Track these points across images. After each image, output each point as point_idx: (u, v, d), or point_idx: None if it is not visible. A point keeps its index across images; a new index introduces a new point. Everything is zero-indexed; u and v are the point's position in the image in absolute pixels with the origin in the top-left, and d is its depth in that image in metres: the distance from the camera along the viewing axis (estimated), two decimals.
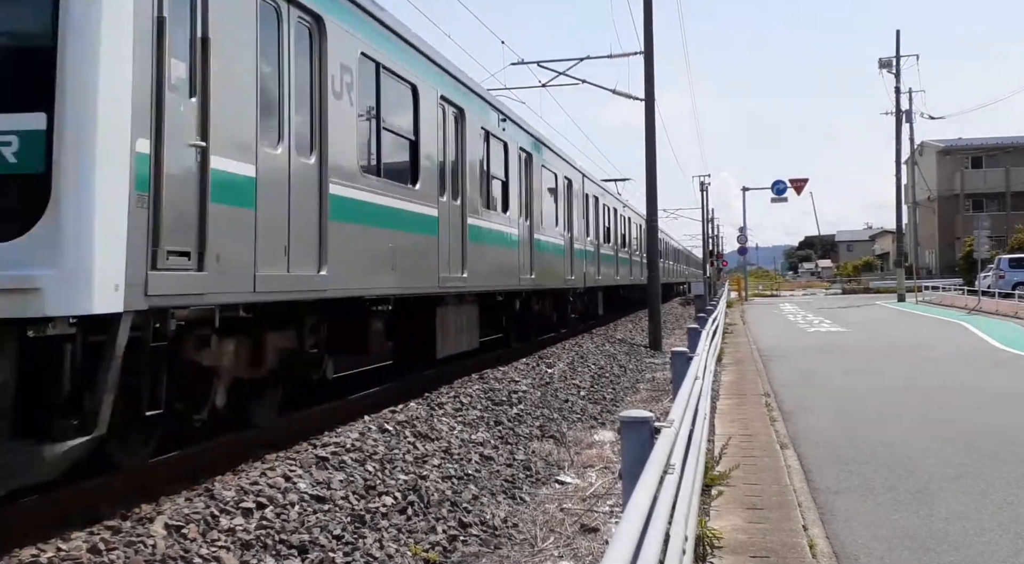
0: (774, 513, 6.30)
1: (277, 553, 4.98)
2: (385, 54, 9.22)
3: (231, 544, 4.89)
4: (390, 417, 8.24)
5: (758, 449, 8.67)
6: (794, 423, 10.36)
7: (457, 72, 11.81)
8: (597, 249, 23.27)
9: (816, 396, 12.75)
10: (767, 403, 11.83)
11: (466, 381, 11.33)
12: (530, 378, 12.35)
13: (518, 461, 8.20)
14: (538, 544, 5.98)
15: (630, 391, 14.15)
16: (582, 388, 13.02)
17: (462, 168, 11.92)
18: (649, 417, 3.82)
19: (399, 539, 5.64)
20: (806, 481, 7.42)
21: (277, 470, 6.10)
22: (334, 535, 5.36)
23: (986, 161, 68.87)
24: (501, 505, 6.88)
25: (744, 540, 5.64)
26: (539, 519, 6.61)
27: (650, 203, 22.02)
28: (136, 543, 4.64)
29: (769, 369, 16.51)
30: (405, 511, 6.08)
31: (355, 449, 6.90)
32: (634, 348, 20.48)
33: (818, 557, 5.37)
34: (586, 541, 6.02)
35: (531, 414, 10.19)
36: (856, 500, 6.81)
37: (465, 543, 5.91)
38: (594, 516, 6.62)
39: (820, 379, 14.86)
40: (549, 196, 17.84)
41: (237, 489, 5.61)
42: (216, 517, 5.16)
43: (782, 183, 50.93)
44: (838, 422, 10.43)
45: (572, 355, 16.13)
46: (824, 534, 5.89)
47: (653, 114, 21.70)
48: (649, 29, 21.74)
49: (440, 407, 9.23)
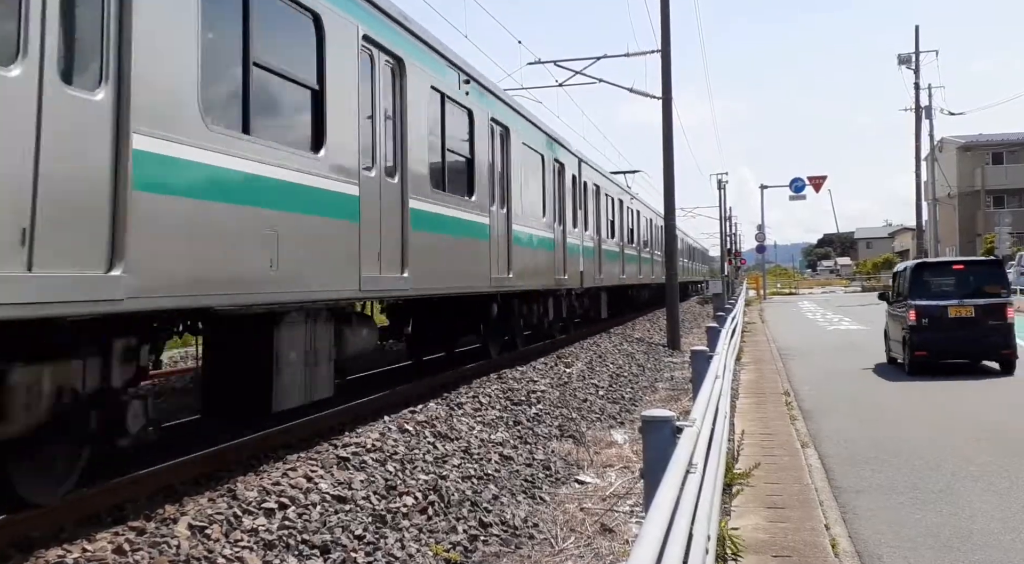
0: (795, 512, 6.27)
1: (299, 553, 5.00)
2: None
3: (254, 544, 4.92)
4: (410, 417, 8.26)
5: (778, 448, 8.63)
6: (815, 422, 10.31)
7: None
8: (599, 245, 20.90)
9: (836, 394, 12.68)
10: (787, 402, 11.77)
11: (485, 381, 11.34)
12: (548, 378, 12.35)
13: (537, 461, 8.20)
14: (558, 544, 5.98)
15: (649, 390, 14.12)
16: (600, 387, 13.00)
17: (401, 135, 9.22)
18: (671, 416, 3.81)
19: (420, 539, 5.66)
20: (827, 480, 7.39)
21: (299, 470, 6.13)
22: (356, 535, 5.38)
23: (1007, 157, 68.14)
24: (521, 505, 6.88)
25: (765, 539, 5.62)
26: (559, 519, 6.60)
27: (668, 201, 21.96)
28: (160, 544, 4.68)
29: (789, 367, 16.43)
30: (426, 511, 6.10)
31: (375, 449, 6.93)
32: (652, 347, 20.42)
33: (840, 556, 5.35)
34: (606, 541, 6.01)
35: (550, 414, 10.19)
36: (878, 499, 6.77)
37: (486, 543, 5.92)
38: (614, 516, 6.61)
39: (841, 377, 14.77)
40: (535, 181, 15.00)
41: (259, 489, 5.64)
42: (239, 517, 5.19)
43: (800, 180, 50.72)
44: (859, 420, 10.37)
45: (590, 354, 16.11)
46: (846, 533, 5.86)
47: (671, 112, 21.63)
48: (666, 27, 21.68)
49: (459, 407, 9.24)
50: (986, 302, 14.73)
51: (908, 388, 13.19)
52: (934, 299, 14.83)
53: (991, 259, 19.66)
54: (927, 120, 50.69)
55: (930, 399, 11.95)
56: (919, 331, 14.63)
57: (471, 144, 11.67)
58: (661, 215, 32.57)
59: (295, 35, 7.29)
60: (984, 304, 14.70)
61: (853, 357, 17.97)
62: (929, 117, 51.04)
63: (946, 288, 15.06)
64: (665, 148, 21.60)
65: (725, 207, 62.94)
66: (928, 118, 50.83)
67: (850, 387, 13.52)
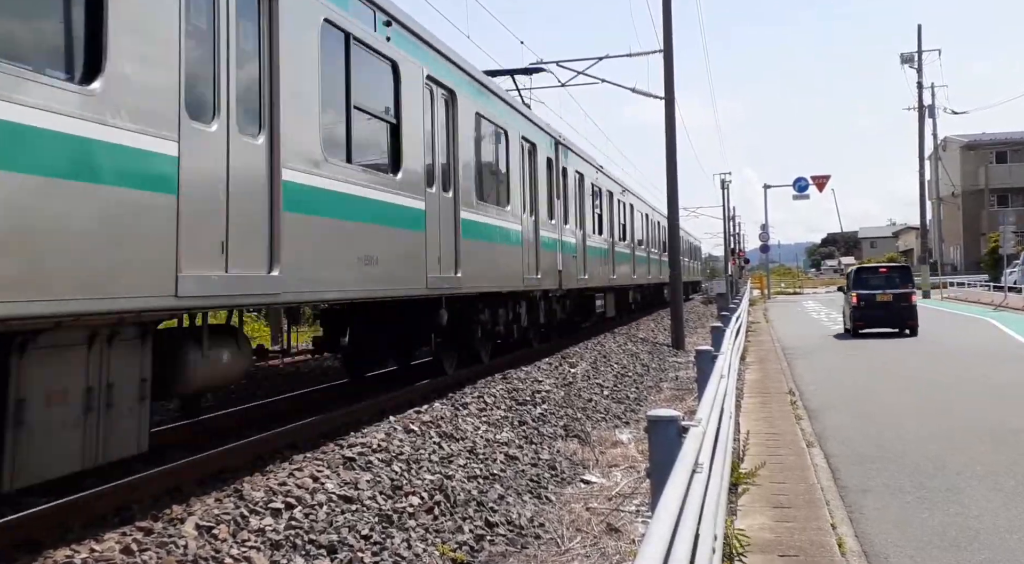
0: (801, 512, 6.27)
1: (306, 553, 5.02)
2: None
3: (261, 544, 4.93)
4: (415, 417, 8.27)
5: (784, 447, 8.63)
6: (820, 421, 10.30)
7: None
8: (583, 241, 18.38)
9: (842, 394, 12.67)
10: (792, 401, 11.76)
11: (489, 381, 11.34)
12: (553, 378, 12.35)
13: (543, 461, 8.21)
14: (565, 544, 5.99)
15: (653, 390, 14.12)
16: (605, 387, 13.00)
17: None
18: (676, 416, 3.82)
19: (427, 539, 5.67)
20: (833, 479, 7.39)
21: (305, 471, 6.14)
22: (362, 535, 5.39)
23: (1011, 156, 68.01)
24: (527, 505, 6.89)
25: (771, 539, 5.62)
26: (565, 519, 6.61)
27: (671, 201, 21.93)
28: (168, 544, 4.69)
29: (793, 367, 16.42)
30: (432, 511, 6.11)
31: (381, 449, 6.93)
32: (656, 347, 20.42)
33: (847, 556, 5.35)
34: (613, 540, 6.02)
35: (555, 414, 10.19)
36: (885, 498, 6.77)
37: (492, 543, 5.93)
38: (620, 516, 6.61)
39: (845, 377, 14.77)
40: (497, 163, 12.84)
41: (266, 490, 5.66)
42: (246, 517, 5.20)
43: (804, 180, 50.65)
44: (865, 420, 10.36)
45: (595, 354, 16.10)
46: (853, 533, 5.86)
47: (673, 112, 21.62)
48: (668, 27, 21.68)
49: (464, 407, 9.25)
50: (900, 292, 23.27)
51: (915, 388, 13.17)
52: (868, 289, 23.44)
53: (903, 265, 28.26)
54: (930, 119, 50.76)
55: (938, 399, 11.93)
56: (859, 309, 23.41)
57: (396, 105, 9.27)
58: (654, 209, 32.43)
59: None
60: (898, 293, 23.23)
61: (859, 357, 17.94)
62: (932, 116, 51.11)
63: (875, 282, 23.60)
64: (668, 148, 21.58)
65: (729, 206, 62.93)
66: (931, 117, 50.91)
67: (856, 386, 13.51)
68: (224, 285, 5.98)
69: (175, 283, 5.45)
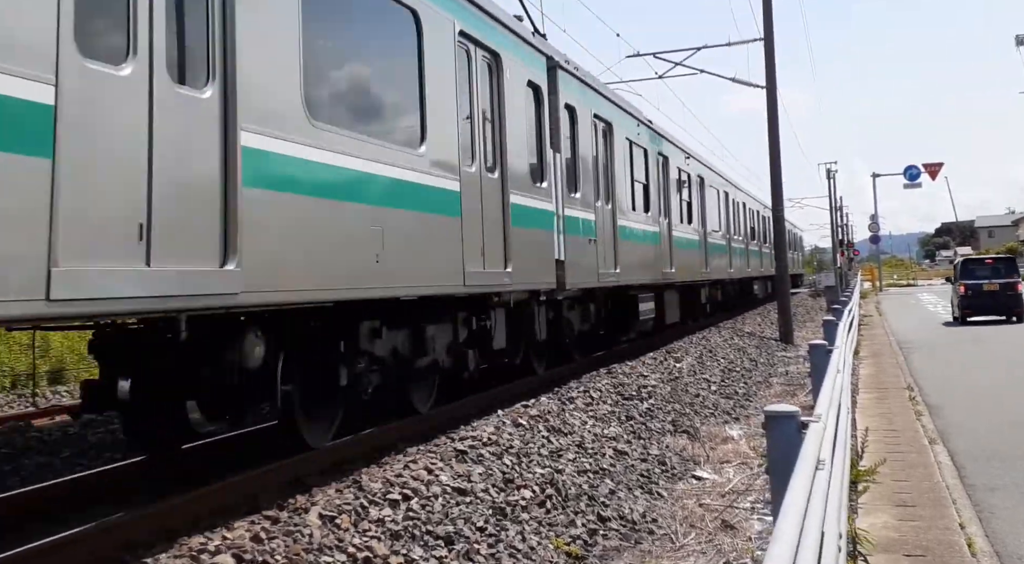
0: (926, 510, 6.04)
1: (425, 544, 5.13)
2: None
3: (381, 534, 5.07)
4: (523, 411, 8.33)
5: (904, 444, 8.33)
6: (942, 418, 9.90)
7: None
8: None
9: (965, 389, 12.14)
10: (911, 397, 11.34)
11: (595, 376, 11.32)
12: (658, 372, 12.23)
13: (652, 456, 8.15)
14: (679, 540, 5.94)
15: (763, 385, 13.83)
16: (712, 383, 12.80)
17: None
18: (796, 411, 3.75)
19: (540, 532, 5.71)
20: (959, 477, 7.09)
21: (419, 463, 6.27)
22: (477, 527, 5.48)
23: None
24: (638, 500, 6.86)
25: (896, 538, 5.44)
26: (678, 514, 6.56)
27: (775, 192, 21.43)
28: (294, 532, 4.87)
29: (911, 361, 15.82)
30: (544, 504, 6.15)
31: (491, 443, 7.02)
32: (764, 341, 19.98)
33: (978, 556, 5.13)
34: (728, 537, 5.94)
35: (662, 409, 10.11)
36: (1016, 497, 6.47)
37: (605, 537, 5.94)
38: (735, 512, 6.52)
39: (969, 371, 14.14)
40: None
41: (383, 481, 5.80)
42: (366, 508, 5.35)
43: (915, 168, 48.59)
44: (991, 416, 9.90)
45: (700, 349, 15.87)
46: (983, 532, 5.62)
47: (775, 101, 21.10)
48: (769, 14, 21.16)
49: (571, 402, 9.26)
50: (1005, 281, 24.64)
51: None
52: (975, 279, 24.76)
53: (1009, 257, 30.00)
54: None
55: None
56: (966, 298, 24.77)
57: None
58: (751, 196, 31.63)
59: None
60: (1004, 282, 24.60)
61: (982, 350, 17.14)
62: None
63: (982, 273, 24.97)
64: (771, 138, 21.09)
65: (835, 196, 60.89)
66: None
67: (980, 381, 12.91)
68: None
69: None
